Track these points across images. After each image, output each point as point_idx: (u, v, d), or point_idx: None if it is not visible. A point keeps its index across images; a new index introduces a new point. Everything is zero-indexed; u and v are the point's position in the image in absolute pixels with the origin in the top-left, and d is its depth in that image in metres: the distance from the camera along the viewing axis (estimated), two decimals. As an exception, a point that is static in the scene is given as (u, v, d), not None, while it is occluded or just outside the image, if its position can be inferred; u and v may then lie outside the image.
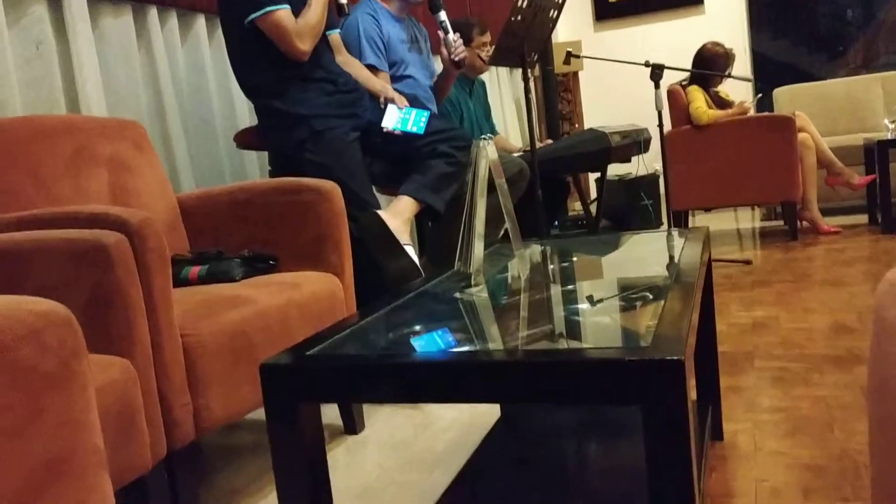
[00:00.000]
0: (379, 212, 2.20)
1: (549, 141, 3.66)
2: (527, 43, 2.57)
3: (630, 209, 4.49)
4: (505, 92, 5.86)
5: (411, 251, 2.19)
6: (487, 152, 1.43)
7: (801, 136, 4.19)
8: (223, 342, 1.58)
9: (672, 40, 5.93)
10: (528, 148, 2.79)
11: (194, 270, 2.00)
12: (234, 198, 2.13)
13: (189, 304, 1.64)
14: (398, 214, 2.23)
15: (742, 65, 5.67)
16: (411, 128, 2.32)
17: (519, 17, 2.45)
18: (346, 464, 1.86)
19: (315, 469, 1.03)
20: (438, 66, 2.97)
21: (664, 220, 4.43)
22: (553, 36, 5.54)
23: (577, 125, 5.57)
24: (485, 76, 5.38)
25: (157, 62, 2.51)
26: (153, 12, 2.50)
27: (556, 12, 2.70)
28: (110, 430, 1.29)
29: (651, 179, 4.66)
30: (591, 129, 3.08)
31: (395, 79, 2.71)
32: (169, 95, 2.53)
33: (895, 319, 0.45)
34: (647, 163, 4.78)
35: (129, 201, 2.04)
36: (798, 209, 4.25)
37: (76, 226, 1.51)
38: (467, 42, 3.37)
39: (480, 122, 3.59)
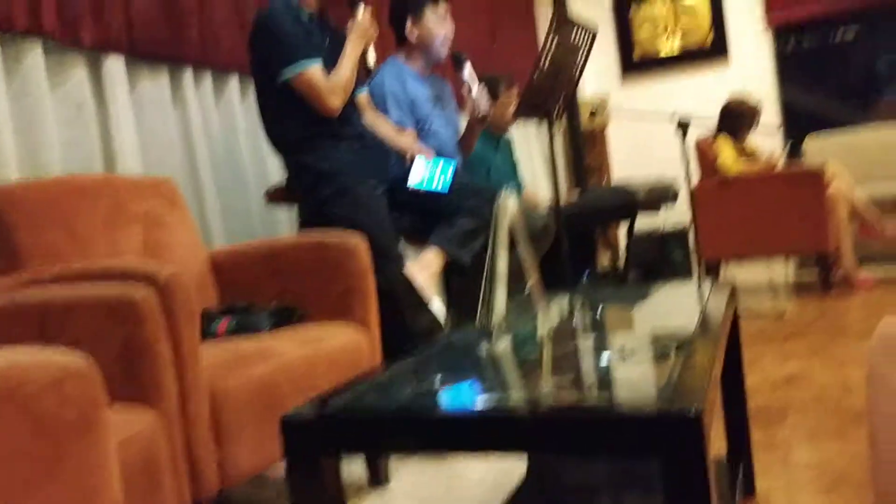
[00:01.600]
0: (406, 265, 2.23)
1: (577, 195, 3.68)
2: (551, 98, 2.61)
3: (660, 262, 4.47)
4: (534, 146, 5.92)
5: (437, 305, 2.20)
6: (509, 205, 1.45)
7: (832, 187, 4.16)
8: (250, 395, 1.60)
9: (699, 93, 5.94)
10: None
11: (223, 324, 2.03)
12: (263, 253, 2.17)
13: (217, 357, 1.66)
14: (425, 268, 2.25)
15: (770, 115, 5.66)
16: (436, 185, 2.36)
17: (543, 73, 2.49)
18: (371, 519, 1.85)
19: (335, 523, 1.03)
20: (464, 121, 3.02)
21: (695, 272, 4.39)
22: (580, 90, 5.61)
23: (605, 178, 5.58)
24: (514, 130, 5.45)
25: (191, 121, 2.59)
26: (188, 73, 2.59)
27: (580, 68, 2.75)
28: (136, 480, 1.30)
29: (681, 232, 4.64)
30: (617, 184, 3.09)
31: (420, 135, 2.76)
32: (202, 153, 2.60)
33: (886, 376, 0.45)
34: (677, 215, 4.77)
35: (162, 256, 2.09)
36: (832, 260, 4.20)
37: (108, 280, 1.55)
38: (494, 97, 3.42)
39: (507, 176, 3.62)
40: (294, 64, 2.21)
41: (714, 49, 5.93)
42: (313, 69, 2.23)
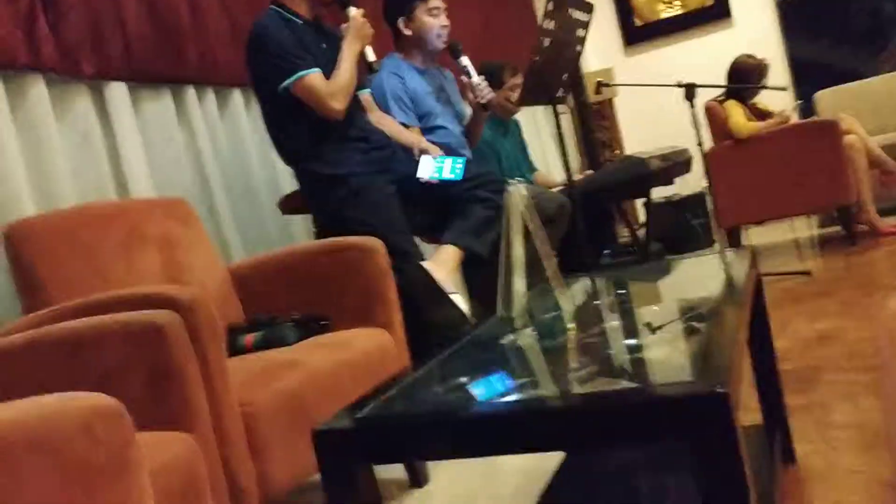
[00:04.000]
0: (423, 263, 2.23)
1: (590, 172, 3.66)
2: (553, 79, 2.59)
3: (680, 230, 4.43)
4: (543, 126, 5.89)
5: (459, 299, 2.20)
6: (520, 194, 1.44)
7: (848, 138, 4.09)
8: (279, 408, 1.61)
9: (704, 56, 5.87)
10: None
11: (249, 338, 2.05)
12: (282, 263, 2.18)
13: (244, 373, 1.68)
14: (443, 264, 2.25)
15: (778, 72, 5.58)
16: (448, 175, 2.35)
17: (543, 56, 2.48)
18: (413, 518, 1.86)
19: (374, 531, 1.04)
20: (468, 110, 3.01)
21: (715, 237, 4.35)
22: (584, 65, 5.58)
23: (617, 151, 5.54)
24: (521, 114, 5.42)
25: (198, 139, 2.60)
26: (191, 92, 2.60)
27: (579, 47, 2.72)
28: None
29: (698, 198, 4.60)
30: (629, 157, 3.07)
31: (425, 130, 2.76)
32: (212, 169, 2.61)
33: None
34: (693, 181, 4.71)
35: (182, 276, 2.10)
36: (854, 212, 4.14)
37: (130, 308, 1.56)
38: (499, 84, 3.40)
39: (518, 159, 3.61)
40: (292, 75, 2.22)
41: (716, 10, 5.86)
42: (312, 75, 2.23)
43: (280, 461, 1.58)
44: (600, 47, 6.16)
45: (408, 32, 2.77)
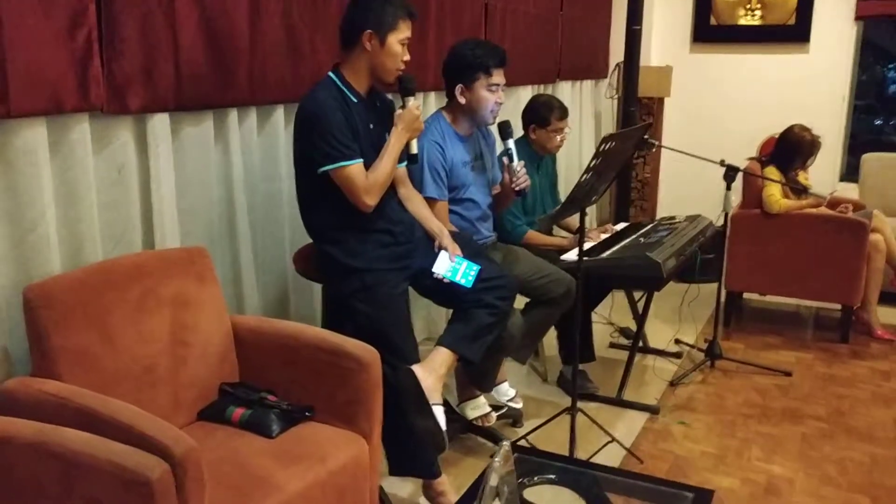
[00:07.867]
0: (416, 366, 2.31)
1: (613, 229, 3.63)
2: (594, 193, 2.57)
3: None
4: (586, 105, 5.78)
5: (440, 412, 2.30)
6: (506, 452, 1.52)
7: (873, 237, 4.07)
8: (247, 547, 1.75)
9: (769, 74, 5.71)
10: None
11: (237, 413, 2.17)
12: (285, 339, 2.27)
13: (220, 487, 1.80)
14: (433, 371, 2.33)
15: (838, 111, 5.44)
16: (460, 279, 2.40)
17: (592, 175, 2.45)
18: None
19: None
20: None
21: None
22: (645, 57, 5.40)
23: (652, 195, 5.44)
24: (566, 88, 5.29)
25: (232, 158, 2.61)
26: (233, 114, 2.59)
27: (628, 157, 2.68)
28: None
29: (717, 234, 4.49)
30: (646, 256, 3.01)
31: (454, 201, 2.76)
32: (240, 191, 2.64)
33: None
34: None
35: (187, 337, 2.19)
36: (856, 307, 4.18)
37: (129, 437, 1.67)
38: (545, 124, 3.35)
39: (544, 196, 3.60)
40: (336, 162, 2.22)
41: (795, 30, 5.60)
42: (353, 167, 2.24)
43: (237, 592, 1.74)
44: (666, 39, 5.93)
45: (462, 101, 2.71)
